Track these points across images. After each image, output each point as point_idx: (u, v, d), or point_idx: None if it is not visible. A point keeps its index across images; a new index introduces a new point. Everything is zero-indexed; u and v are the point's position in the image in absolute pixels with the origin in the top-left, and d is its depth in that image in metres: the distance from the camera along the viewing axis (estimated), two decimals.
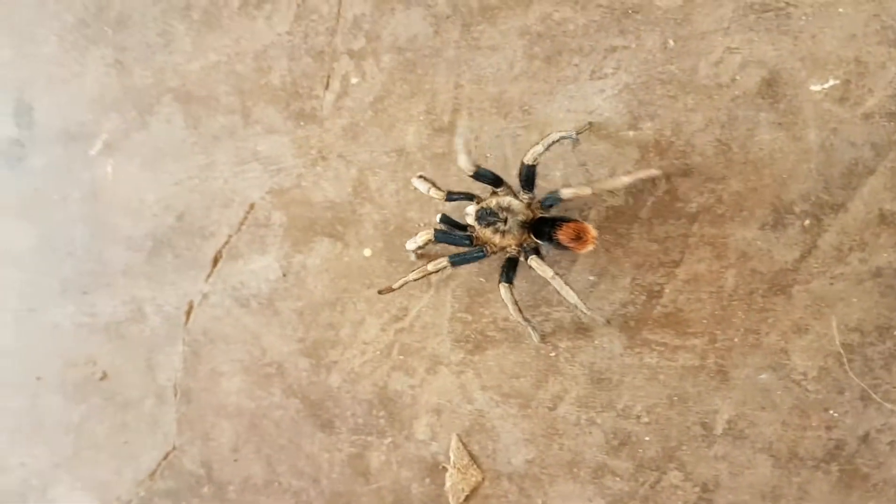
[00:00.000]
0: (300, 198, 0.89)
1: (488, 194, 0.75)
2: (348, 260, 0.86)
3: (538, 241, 0.73)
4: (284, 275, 0.89)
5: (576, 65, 0.76)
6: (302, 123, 0.88)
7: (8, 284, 1.04)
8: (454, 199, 0.76)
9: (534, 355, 0.77)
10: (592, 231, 0.68)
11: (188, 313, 0.94)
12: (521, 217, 0.71)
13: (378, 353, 0.85)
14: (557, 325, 0.77)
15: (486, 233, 0.73)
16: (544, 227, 0.71)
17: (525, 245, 0.73)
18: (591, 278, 0.75)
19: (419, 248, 0.77)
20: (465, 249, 0.75)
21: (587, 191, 0.69)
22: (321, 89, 0.87)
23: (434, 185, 0.76)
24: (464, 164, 0.71)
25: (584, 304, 0.71)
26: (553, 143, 0.71)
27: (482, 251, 0.74)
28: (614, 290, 0.75)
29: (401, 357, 0.84)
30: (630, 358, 0.74)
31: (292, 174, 0.89)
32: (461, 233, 0.76)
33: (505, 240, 0.72)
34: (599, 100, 0.76)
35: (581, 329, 0.76)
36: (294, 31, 0.88)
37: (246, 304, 0.91)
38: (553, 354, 0.77)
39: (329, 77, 0.87)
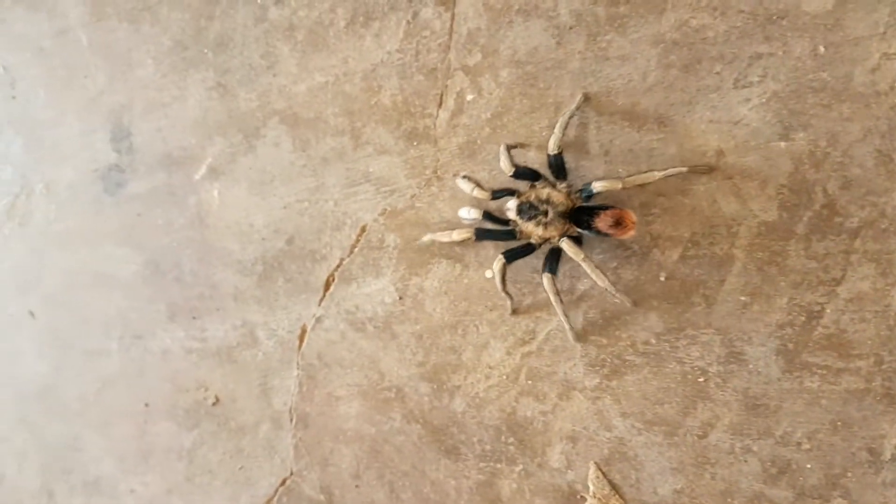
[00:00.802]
0: (415, 219, 0.85)
1: (528, 188, 0.75)
2: (468, 282, 0.82)
3: (580, 231, 0.72)
4: (401, 298, 0.85)
5: (717, 73, 0.71)
6: (415, 143, 0.84)
7: (113, 311, 1.02)
8: (498, 197, 0.76)
9: (679, 380, 0.73)
10: (632, 216, 0.67)
11: (301, 337, 0.91)
12: (560, 207, 0.71)
13: (504, 377, 0.81)
14: (706, 348, 0.72)
15: (528, 226, 0.73)
16: (584, 216, 0.70)
17: (568, 235, 0.72)
18: (743, 299, 0.70)
19: (454, 242, 0.77)
20: (515, 244, 0.75)
21: (618, 185, 0.69)
22: (434, 107, 0.83)
23: (478, 185, 0.76)
24: (505, 166, 0.73)
25: (614, 287, 0.70)
26: (566, 125, 0.72)
27: (531, 244, 0.74)
28: (769, 310, 0.69)
29: (529, 382, 0.80)
30: (789, 382, 0.69)
31: (406, 195, 0.85)
32: (505, 227, 0.75)
33: (548, 231, 0.72)
34: (745, 109, 0.70)
35: (733, 353, 0.70)
36: (404, 48, 0.84)
37: (362, 328, 0.88)
38: (702, 380, 0.72)
39: (443, 94, 0.83)
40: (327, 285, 0.89)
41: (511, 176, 0.74)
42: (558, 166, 0.73)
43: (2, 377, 1.11)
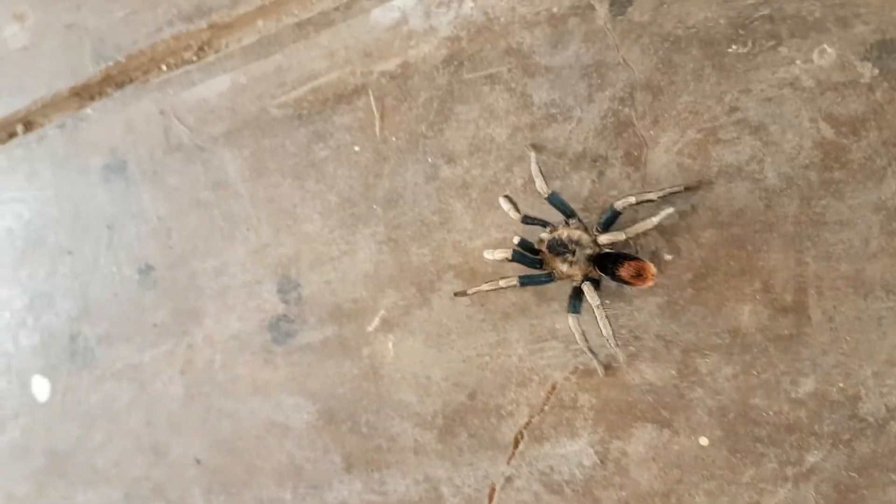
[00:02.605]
0: (612, 380, 0.80)
1: (562, 224, 0.75)
2: (679, 448, 0.77)
3: (602, 274, 0.72)
4: (602, 462, 0.81)
5: None
6: (608, 302, 0.80)
7: (286, 460, 0.99)
8: (530, 223, 0.76)
9: None
10: (652, 269, 0.68)
11: (491, 496, 0.86)
12: (588, 251, 0.72)
13: None
14: None
15: (555, 261, 0.73)
16: (608, 263, 0.71)
17: (589, 276, 0.73)
18: None
19: (495, 259, 0.76)
20: (536, 272, 0.76)
21: (622, 237, 0.71)
22: None
23: (515, 206, 0.76)
24: (540, 186, 0.74)
25: (615, 339, 0.73)
26: (646, 201, 0.72)
27: (551, 276, 0.75)
28: None
29: None
30: None
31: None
32: (534, 256, 0.76)
33: (571, 270, 0.73)
34: None
35: None
36: (589, 206, 0.81)
37: (558, 491, 0.83)
38: None
39: (637, 253, 0.79)
40: (516, 443, 0.85)
41: (546, 198, 0.74)
42: (609, 221, 0.73)
43: None
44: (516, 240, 0.76)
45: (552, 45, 0.82)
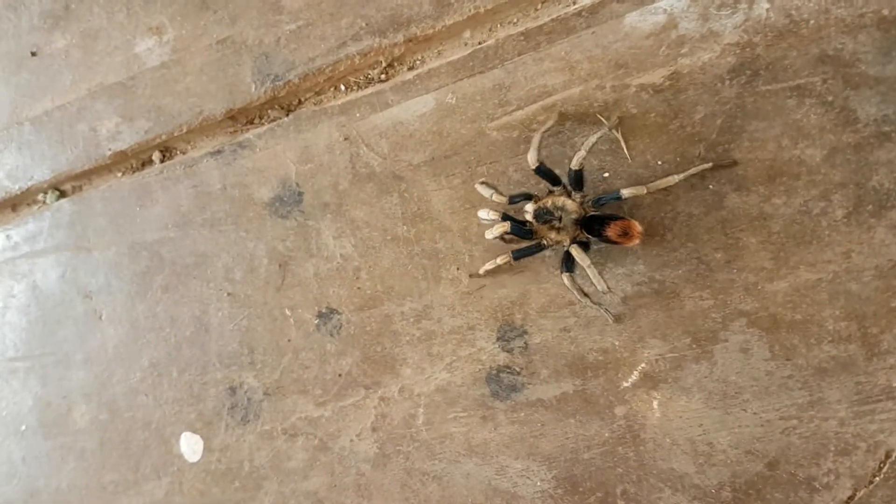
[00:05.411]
0: None
1: (545, 193, 0.71)
2: None
3: (589, 237, 0.69)
4: None
5: None
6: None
7: None
8: (516, 202, 0.72)
9: None
10: (638, 227, 0.65)
11: None
12: (573, 215, 0.69)
13: None
14: None
15: (543, 229, 0.70)
16: (594, 224, 0.68)
17: (577, 239, 0.70)
18: None
19: (495, 237, 0.72)
20: (526, 244, 0.72)
21: (643, 190, 0.67)
22: None
23: (496, 190, 0.73)
24: (531, 158, 0.71)
25: (608, 292, 0.70)
26: (593, 145, 0.68)
27: (541, 244, 0.71)
28: None
29: None
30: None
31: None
32: (527, 231, 0.72)
33: (560, 235, 0.70)
34: None
35: None
36: None
37: None
38: None
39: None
40: None
41: (534, 169, 0.70)
42: (577, 180, 0.70)
43: None
44: (492, 214, 0.74)
45: (883, 52, 0.64)
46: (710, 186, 0.67)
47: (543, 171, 0.71)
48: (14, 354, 1.08)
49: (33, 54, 1.07)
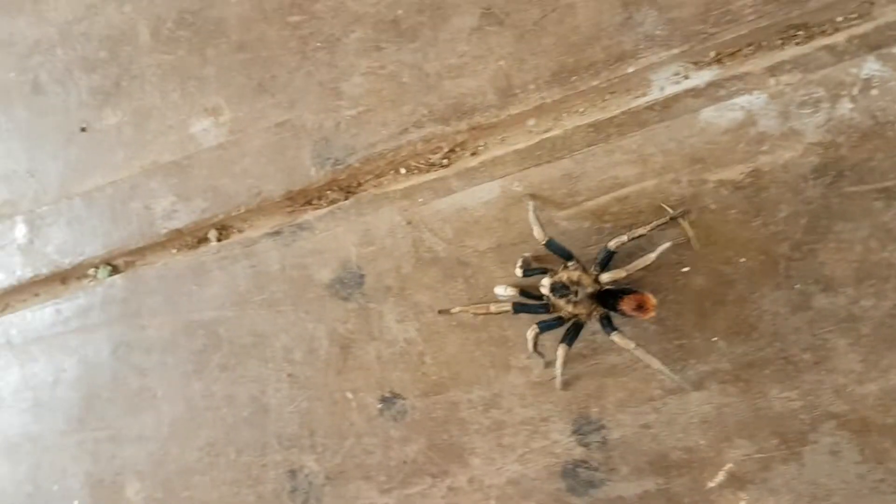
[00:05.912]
0: None
1: (560, 268, 0.70)
2: None
3: (605, 310, 0.68)
4: None
5: None
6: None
7: None
8: (531, 275, 0.72)
9: None
10: (653, 300, 0.65)
11: None
12: (589, 290, 0.69)
13: None
14: None
15: (559, 302, 0.70)
16: (609, 299, 0.68)
17: (594, 313, 0.70)
18: None
19: (491, 314, 0.73)
20: (545, 317, 0.72)
21: (622, 274, 0.68)
22: None
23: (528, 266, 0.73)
24: (538, 234, 0.71)
25: (669, 368, 0.68)
26: (638, 237, 0.68)
27: (560, 318, 0.71)
28: None
29: None
30: None
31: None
32: (538, 302, 0.72)
33: (576, 309, 0.69)
34: None
35: None
36: None
37: None
38: None
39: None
40: None
41: (544, 245, 0.71)
42: (605, 260, 0.70)
43: None
44: (509, 291, 0.74)
45: None
46: (797, 286, 0.65)
47: (555, 246, 0.71)
48: (65, 429, 1.07)
49: (83, 130, 1.06)
